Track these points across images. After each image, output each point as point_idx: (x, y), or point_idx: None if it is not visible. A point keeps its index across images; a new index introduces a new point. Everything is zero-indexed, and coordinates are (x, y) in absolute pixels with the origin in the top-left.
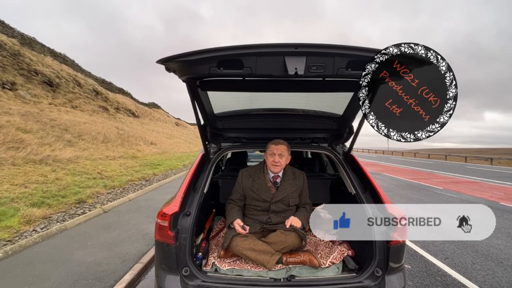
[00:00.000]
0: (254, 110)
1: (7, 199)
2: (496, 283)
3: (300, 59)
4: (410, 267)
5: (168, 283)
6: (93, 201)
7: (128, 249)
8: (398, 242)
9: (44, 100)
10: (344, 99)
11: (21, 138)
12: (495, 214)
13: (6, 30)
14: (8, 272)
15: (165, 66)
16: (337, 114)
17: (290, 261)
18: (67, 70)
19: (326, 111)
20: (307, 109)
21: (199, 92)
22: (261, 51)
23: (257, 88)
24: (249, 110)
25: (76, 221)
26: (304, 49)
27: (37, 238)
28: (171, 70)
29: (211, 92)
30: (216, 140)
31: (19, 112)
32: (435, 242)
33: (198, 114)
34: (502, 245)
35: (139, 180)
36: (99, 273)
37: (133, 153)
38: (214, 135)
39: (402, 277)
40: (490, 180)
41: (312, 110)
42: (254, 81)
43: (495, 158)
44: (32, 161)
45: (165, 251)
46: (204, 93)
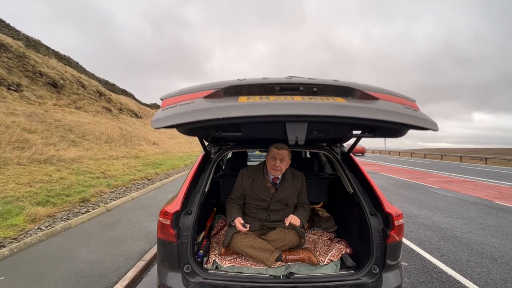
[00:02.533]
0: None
1: (12, 197)
2: (490, 280)
3: (302, 126)
4: (406, 265)
5: (170, 280)
6: (96, 200)
7: (131, 247)
8: (395, 240)
9: (49, 101)
10: None
11: (26, 138)
12: (490, 213)
13: (12, 33)
14: (13, 270)
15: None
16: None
17: (289, 259)
18: (71, 72)
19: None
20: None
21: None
22: (260, 120)
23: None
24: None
25: (80, 220)
26: (306, 118)
27: (42, 236)
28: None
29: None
30: (216, 143)
31: (24, 113)
32: (431, 240)
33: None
34: (497, 243)
35: (141, 180)
36: (103, 270)
37: (136, 153)
38: (214, 139)
39: (399, 274)
40: (485, 179)
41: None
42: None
43: (489, 158)
44: (37, 160)
45: (167, 248)
46: None
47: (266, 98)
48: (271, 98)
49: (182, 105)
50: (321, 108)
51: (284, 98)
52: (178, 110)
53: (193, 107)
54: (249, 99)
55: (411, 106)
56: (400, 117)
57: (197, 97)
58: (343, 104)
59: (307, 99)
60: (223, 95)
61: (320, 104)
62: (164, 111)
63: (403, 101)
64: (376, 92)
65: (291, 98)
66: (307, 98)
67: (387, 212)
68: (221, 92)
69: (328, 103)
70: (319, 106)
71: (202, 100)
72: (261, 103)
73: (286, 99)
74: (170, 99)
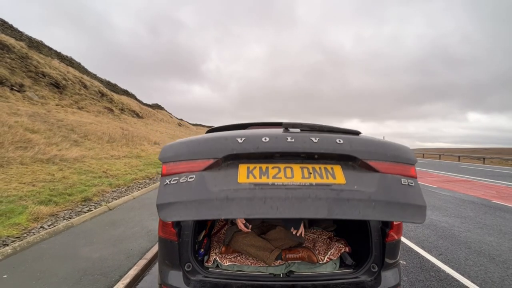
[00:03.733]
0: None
1: (15, 197)
2: (488, 278)
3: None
4: (405, 263)
5: (171, 278)
6: (98, 199)
7: (133, 246)
8: (394, 239)
9: (51, 102)
10: None
11: (29, 138)
12: (488, 212)
13: (14, 34)
14: (16, 268)
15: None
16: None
17: (289, 257)
18: (74, 72)
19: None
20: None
21: None
22: (256, 218)
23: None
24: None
25: (82, 219)
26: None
27: (45, 234)
28: None
29: None
30: None
31: (27, 113)
32: (429, 239)
33: None
34: (494, 241)
35: (143, 179)
36: (105, 268)
37: (137, 152)
38: None
39: (398, 273)
40: (483, 178)
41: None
42: None
43: (487, 158)
44: (39, 160)
45: (168, 247)
46: None
47: (265, 176)
48: (270, 168)
49: (183, 182)
50: (317, 211)
51: (284, 175)
52: (180, 195)
53: (194, 195)
54: (249, 172)
55: (410, 174)
56: (393, 215)
57: (197, 169)
58: (340, 198)
59: (307, 181)
60: (222, 163)
61: (317, 203)
62: (167, 188)
63: (402, 169)
64: (377, 161)
65: (291, 175)
66: (306, 174)
67: None
68: (220, 162)
69: (326, 199)
70: (316, 207)
71: (202, 175)
72: (260, 196)
73: (286, 177)
74: (170, 166)
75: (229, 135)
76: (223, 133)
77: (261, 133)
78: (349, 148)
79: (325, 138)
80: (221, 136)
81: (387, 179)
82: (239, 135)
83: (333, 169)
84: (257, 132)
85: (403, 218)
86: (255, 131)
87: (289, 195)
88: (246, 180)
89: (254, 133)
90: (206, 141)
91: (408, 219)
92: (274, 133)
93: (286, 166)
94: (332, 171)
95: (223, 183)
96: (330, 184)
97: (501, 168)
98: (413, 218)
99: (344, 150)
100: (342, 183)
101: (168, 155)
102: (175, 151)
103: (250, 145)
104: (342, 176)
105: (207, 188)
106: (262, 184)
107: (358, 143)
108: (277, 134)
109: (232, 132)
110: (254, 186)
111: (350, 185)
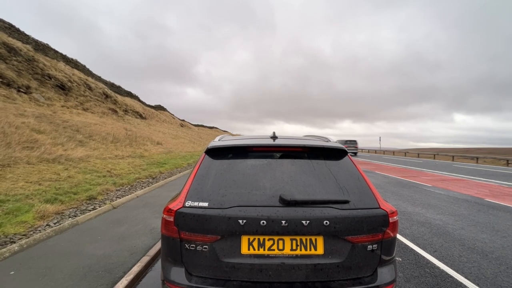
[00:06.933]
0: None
1: (22, 195)
2: (481, 275)
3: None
4: (401, 260)
5: (173, 275)
6: (103, 197)
7: (136, 243)
8: (390, 236)
9: (57, 103)
10: None
11: (35, 138)
12: (481, 210)
13: (21, 37)
14: (23, 265)
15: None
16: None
17: None
18: (79, 75)
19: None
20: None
21: None
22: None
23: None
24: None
25: (87, 217)
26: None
27: (50, 232)
28: None
29: None
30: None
31: (33, 114)
32: (424, 236)
33: None
34: (487, 239)
35: (146, 178)
36: (109, 265)
37: (141, 152)
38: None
39: (393, 269)
40: (476, 177)
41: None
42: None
43: (480, 157)
44: (45, 160)
45: (170, 244)
46: None
47: (262, 248)
48: (267, 240)
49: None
50: (298, 277)
51: (277, 247)
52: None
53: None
54: (249, 244)
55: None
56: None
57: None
58: (316, 268)
59: (294, 253)
60: (228, 237)
61: (298, 272)
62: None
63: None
64: (353, 236)
65: (282, 247)
66: (294, 246)
67: (382, 209)
68: (226, 236)
69: (306, 268)
70: (297, 275)
71: (213, 246)
72: (258, 268)
73: (279, 249)
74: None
75: (232, 215)
76: (226, 213)
77: (260, 216)
78: (333, 229)
79: (314, 221)
80: (225, 216)
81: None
82: (240, 217)
83: (316, 240)
84: (256, 214)
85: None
86: (255, 213)
87: (279, 267)
88: (247, 252)
89: (253, 216)
90: (214, 219)
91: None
92: (271, 216)
93: (279, 238)
94: (315, 242)
95: (229, 254)
96: (311, 256)
97: (494, 167)
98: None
99: (328, 232)
100: (320, 254)
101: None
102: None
103: (250, 227)
104: (322, 247)
105: (218, 258)
106: (260, 256)
107: (342, 223)
108: (273, 218)
109: (233, 213)
110: (253, 257)
111: (326, 255)
